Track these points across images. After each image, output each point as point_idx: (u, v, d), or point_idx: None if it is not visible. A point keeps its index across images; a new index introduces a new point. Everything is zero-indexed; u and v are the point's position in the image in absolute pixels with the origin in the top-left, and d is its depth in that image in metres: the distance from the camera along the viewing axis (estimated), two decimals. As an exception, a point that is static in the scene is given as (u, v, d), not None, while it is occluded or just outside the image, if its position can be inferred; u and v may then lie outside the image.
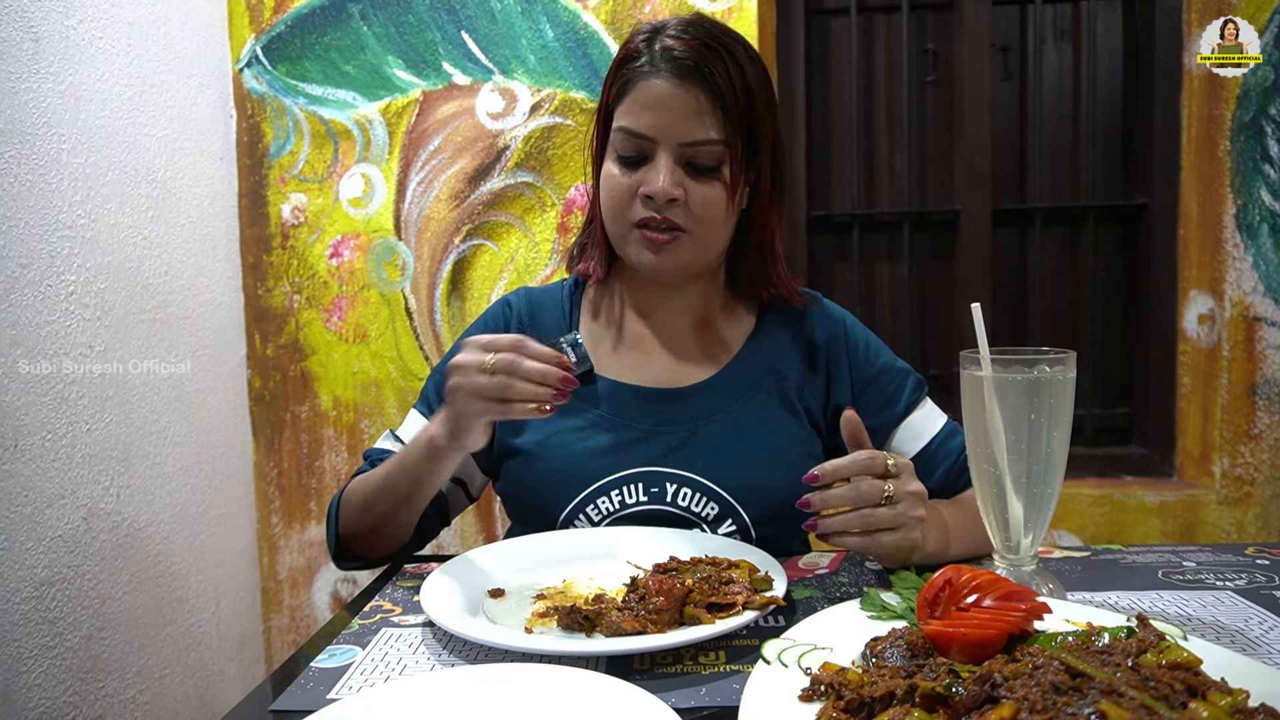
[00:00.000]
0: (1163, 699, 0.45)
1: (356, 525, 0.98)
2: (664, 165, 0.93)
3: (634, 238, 0.97)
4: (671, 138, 0.93)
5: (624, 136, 0.96)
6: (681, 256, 0.98)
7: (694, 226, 0.96)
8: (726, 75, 0.93)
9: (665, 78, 0.93)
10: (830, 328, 1.08)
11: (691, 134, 0.93)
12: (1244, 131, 1.84)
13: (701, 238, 0.97)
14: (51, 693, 1.34)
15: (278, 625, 1.99)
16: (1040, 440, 0.72)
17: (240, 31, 1.90)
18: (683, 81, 0.92)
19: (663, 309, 1.08)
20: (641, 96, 0.94)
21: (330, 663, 0.69)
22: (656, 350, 1.07)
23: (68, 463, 1.40)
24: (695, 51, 0.92)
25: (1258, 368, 1.86)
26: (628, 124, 0.95)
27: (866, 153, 2.10)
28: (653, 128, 0.93)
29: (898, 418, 1.05)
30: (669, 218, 0.94)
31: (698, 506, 0.98)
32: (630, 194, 0.95)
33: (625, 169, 0.96)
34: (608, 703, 0.55)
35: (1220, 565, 0.87)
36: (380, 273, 1.91)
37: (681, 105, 0.92)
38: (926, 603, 0.62)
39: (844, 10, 2.04)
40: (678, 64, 0.92)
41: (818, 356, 1.07)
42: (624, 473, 0.98)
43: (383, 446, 1.06)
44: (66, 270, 1.41)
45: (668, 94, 0.92)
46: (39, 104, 1.37)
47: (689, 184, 0.94)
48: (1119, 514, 1.89)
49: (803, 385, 1.05)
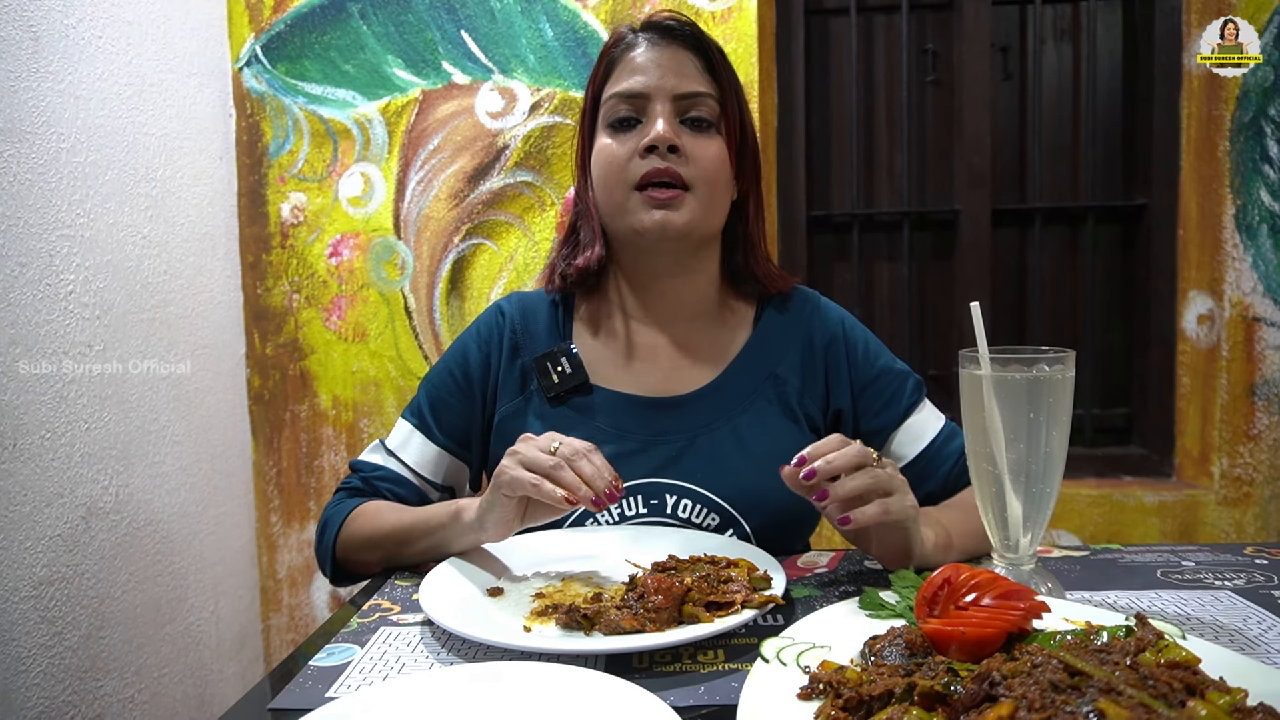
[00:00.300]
0: (1161, 697, 0.45)
1: (357, 557, 0.96)
2: (662, 113, 0.93)
3: (635, 201, 0.95)
4: (665, 90, 0.94)
5: (615, 101, 0.96)
6: (688, 215, 0.95)
7: (696, 183, 0.95)
8: (711, 42, 0.96)
9: (651, 41, 0.95)
10: (829, 329, 1.07)
11: (685, 86, 0.93)
12: (1243, 132, 1.84)
13: (704, 197, 0.96)
14: (50, 692, 1.34)
15: (276, 624, 1.99)
16: (1039, 439, 0.72)
17: (240, 31, 1.90)
18: (670, 42, 0.95)
19: (659, 309, 1.05)
20: (629, 64, 0.96)
21: (329, 661, 0.69)
22: (653, 358, 1.04)
23: (67, 461, 1.40)
24: (677, 19, 0.96)
25: (1257, 368, 1.86)
26: (619, 89, 0.96)
27: (866, 153, 2.10)
28: (645, 84, 0.94)
29: (897, 420, 1.04)
30: (672, 168, 0.93)
31: (698, 518, 0.97)
32: (627, 157, 0.95)
33: (619, 135, 0.96)
34: (606, 701, 0.55)
35: (1219, 565, 0.87)
36: (379, 272, 1.91)
37: (670, 61, 0.94)
38: (925, 601, 0.62)
39: (844, 10, 2.04)
40: (662, 29, 0.95)
41: (816, 359, 1.05)
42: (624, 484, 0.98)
43: (372, 460, 1.04)
44: (65, 269, 1.41)
45: (656, 54, 0.95)
46: (38, 103, 1.37)
47: (687, 140, 0.94)
48: (1118, 514, 1.89)
49: (802, 389, 1.04)
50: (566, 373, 1.01)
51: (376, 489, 1.02)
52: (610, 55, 0.99)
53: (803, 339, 1.06)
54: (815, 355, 1.05)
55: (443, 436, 1.04)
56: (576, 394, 1.01)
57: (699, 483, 0.97)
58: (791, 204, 2.05)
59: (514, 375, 1.04)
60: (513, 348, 1.04)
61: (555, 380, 1.01)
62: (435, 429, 1.04)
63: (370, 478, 1.03)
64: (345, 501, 1.00)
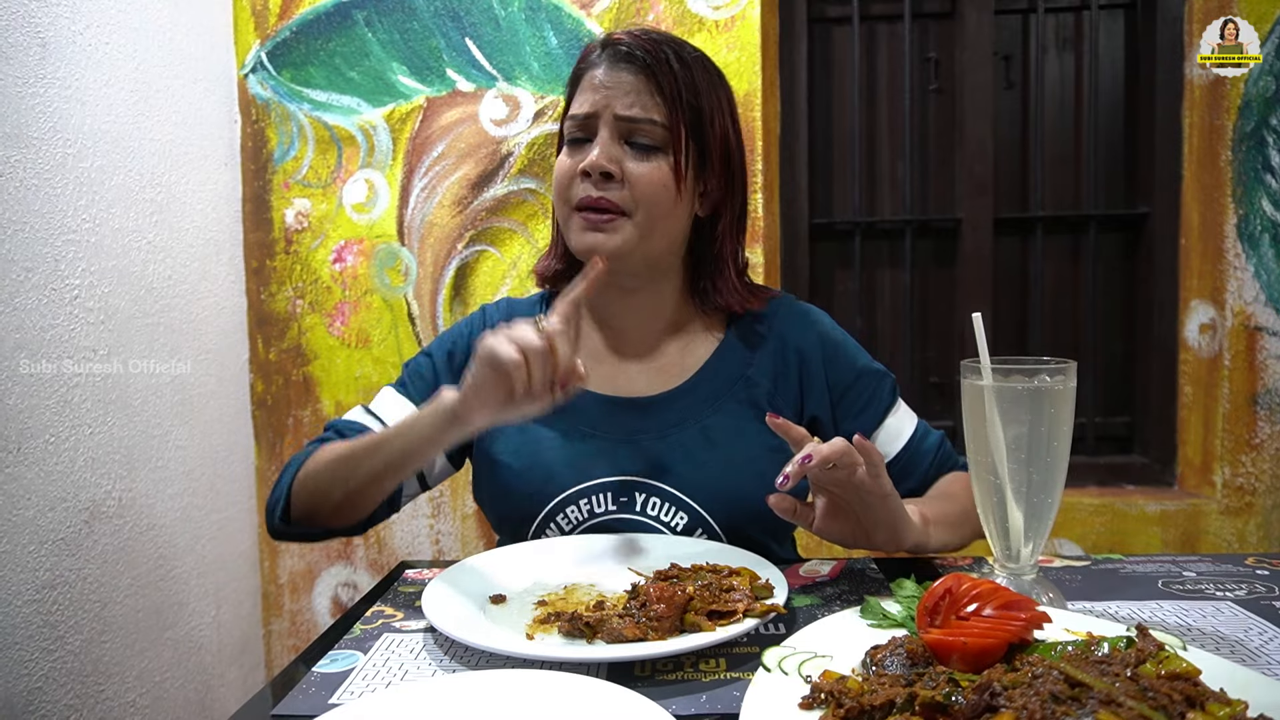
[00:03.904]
0: (1161, 709, 0.46)
1: (318, 491, 0.94)
2: (601, 138, 0.94)
3: (574, 222, 0.96)
4: (609, 112, 0.94)
5: (570, 124, 0.98)
6: (620, 240, 0.94)
7: (634, 209, 0.94)
8: (667, 65, 0.95)
9: (606, 63, 0.96)
10: (802, 331, 1.07)
11: (628, 109, 0.94)
12: (1245, 141, 1.84)
13: (643, 222, 0.95)
14: (52, 696, 1.34)
15: (278, 630, 1.99)
16: (1041, 449, 0.72)
17: (245, 37, 1.91)
18: (622, 65, 0.95)
19: (626, 316, 1.06)
20: (586, 85, 0.97)
21: (332, 668, 0.69)
22: (626, 359, 1.06)
23: (70, 465, 1.40)
24: (636, 41, 0.96)
25: (1259, 378, 1.86)
26: (573, 109, 0.98)
27: (868, 161, 2.11)
28: (593, 104, 0.95)
29: (876, 422, 1.05)
30: (605, 196, 0.93)
31: (667, 516, 0.98)
32: (571, 175, 0.96)
33: (572, 154, 0.97)
34: (608, 709, 0.55)
35: (1220, 575, 0.87)
36: (383, 278, 1.92)
37: (618, 84, 0.95)
38: (926, 611, 0.62)
39: (846, 19, 2.04)
40: (618, 52, 0.96)
41: (790, 363, 1.05)
42: (593, 482, 0.98)
43: (353, 419, 1.04)
44: (71, 274, 1.42)
45: (607, 76, 0.95)
46: (45, 108, 1.38)
47: (630, 164, 0.94)
48: (1120, 523, 1.89)
49: (774, 391, 1.04)
50: None
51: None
52: (576, 71, 1.00)
53: (776, 343, 1.06)
54: (789, 359, 1.05)
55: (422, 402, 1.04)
56: None
57: (668, 481, 0.98)
58: (794, 212, 2.05)
59: None
60: None
61: None
62: (414, 394, 1.05)
63: (344, 429, 1.02)
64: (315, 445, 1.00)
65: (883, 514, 0.82)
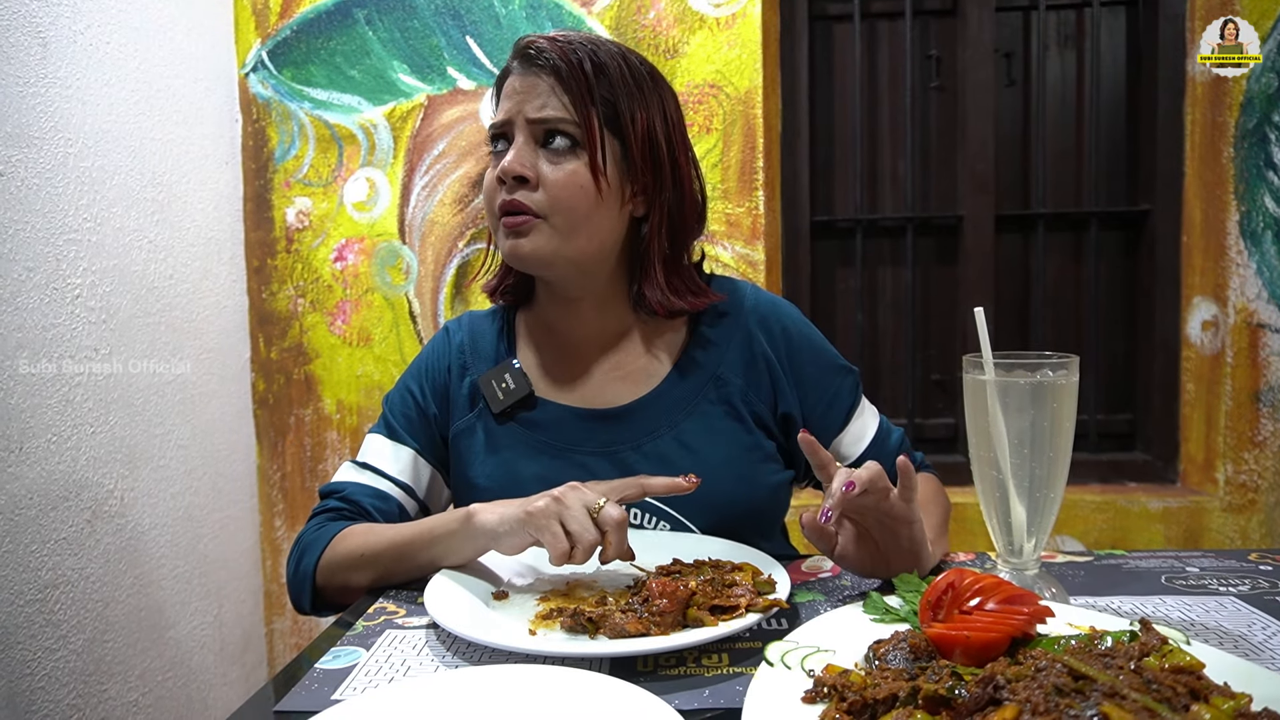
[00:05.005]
0: (1165, 702, 0.45)
1: (341, 578, 0.92)
2: (516, 144, 0.94)
3: (499, 230, 0.96)
4: (521, 117, 0.94)
5: (491, 133, 0.98)
6: (538, 243, 0.93)
7: (550, 211, 0.93)
8: (578, 66, 0.93)
9: (518, 69, 0.96)
10: (768, 325, 1.05)
11: (539, 111, 0.93)
12: (1247, 138, 1.84)
13: (561, 225, 0.93)
14: (55, 695, 1.34)
15: (280, 628, 1.99)
16: (1043, 445, 0.72)
17: (246, 36, 1.91)
18: (533, 69, 0.95)
19: (579, 326, 1.04)
20: (504, 93, 0.97)
21: (334, 664, 0.69)
22: (593, 371, 1.04)
23: (72, 465, 1.40)
24: (549, 44, 0.95)
25: (1261, 374, 1.85)
26: (492, 119, 0.98)
27: (870, 158, 2.11)
28: (506, 110, 0.95)
29: (843, 419, 1.05)
30: (519, 200, 0.93)
31: (649, 525, 0.98)
32: (494, 185, 0.96)
33: (494, 163, 0.97)
34: (611, 704, 0.55)
35: (1223, 571, 0.87)
36: (384, 276, 1.92)
37: (529, 88, 0.94)
38: (929, 605, 0.62)
39: (847, 16, 2.04)
40: (528, 56, 0.96)
41: (758, 357, 1.03)
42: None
43: (343, 479, 1.02)
44: (72, 273, 1.42)
45: (519, 81, 0.95)
46: (46, 108, 1.38)
47: (544, 166, 0.93)
48: (1122, 519, 1.89)
49: (746, 388, 1.02)
50: (511, 388, 1.01)
51: (360, 504, 0.99)
52: (497, 82, 1.01)
53: (742, 338, 1.04)
54: (756, 353, 1.04)
55: (412, 440, 1.04)
56: (522, 408, 1.02)
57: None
58: (795, 209, 2.05)
59: (463, 394, 1.05)
60: (461, 368, 1.06)
61: (501, 397, 1.02)
62: (404, 434, 1.04)
63: (348, 495, 1.00)
64: (328, 525, 0.96)
65: (905, 540, 0.78)
